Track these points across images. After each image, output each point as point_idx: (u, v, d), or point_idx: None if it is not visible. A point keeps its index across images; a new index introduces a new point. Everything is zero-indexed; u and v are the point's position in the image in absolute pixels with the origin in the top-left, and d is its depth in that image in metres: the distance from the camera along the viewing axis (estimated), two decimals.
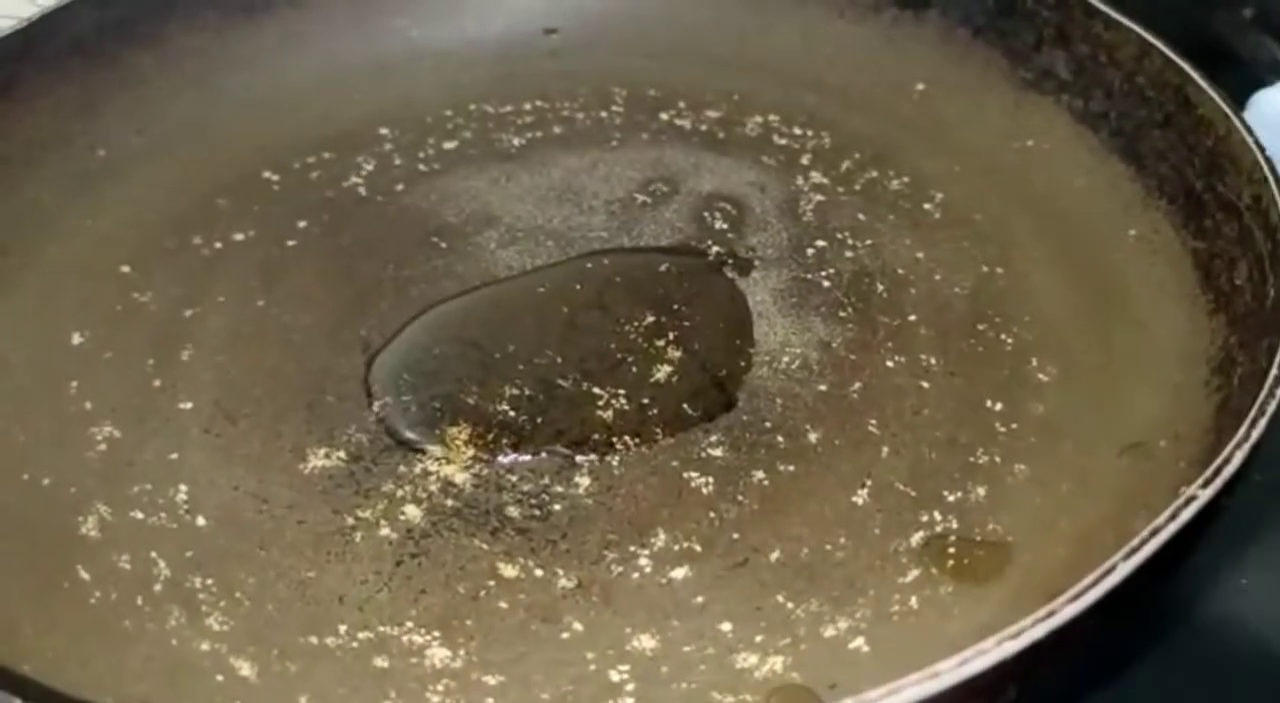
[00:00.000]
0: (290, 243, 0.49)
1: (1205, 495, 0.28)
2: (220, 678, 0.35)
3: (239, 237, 0.49)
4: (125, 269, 0.47)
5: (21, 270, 0.46)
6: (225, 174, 0.52)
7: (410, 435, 0.41)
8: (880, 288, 0.46)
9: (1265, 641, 0.40)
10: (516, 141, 0.54)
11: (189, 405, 0.43)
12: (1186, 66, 0.43)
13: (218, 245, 0.49)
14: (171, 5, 0.53)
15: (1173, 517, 0.28)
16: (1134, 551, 0.27)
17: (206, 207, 0.50)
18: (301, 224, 0.50)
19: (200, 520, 0.39)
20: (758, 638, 0.35)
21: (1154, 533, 0.27)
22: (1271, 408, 0.30)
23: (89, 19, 0.51)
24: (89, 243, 0.48)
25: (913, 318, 0.45)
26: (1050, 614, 0.25)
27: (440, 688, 0.34)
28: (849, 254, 0.48)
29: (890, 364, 0.43)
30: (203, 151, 0.52)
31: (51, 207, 0.48)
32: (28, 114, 0.49)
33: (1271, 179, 0.38)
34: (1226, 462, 0.29)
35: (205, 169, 0.52)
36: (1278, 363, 0.32)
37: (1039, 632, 0.25)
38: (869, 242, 0.48)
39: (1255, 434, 0.30)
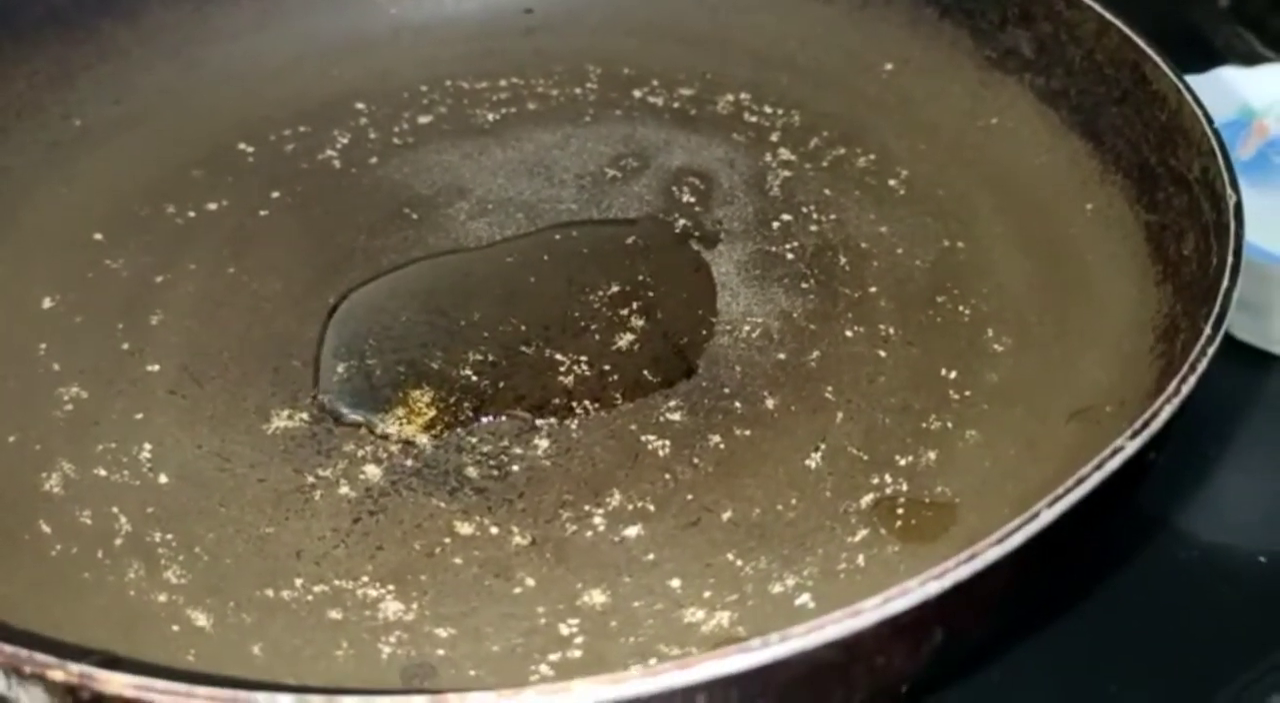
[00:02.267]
0: (263, 213, 0.50)
1: (1131, 447, 0.29)
2: (176, 628, 0.35)
3: (212, 206, 0.50)
4: (98, 236, 0.48)
5: None
6: (201, 145, 0.52)
7: (374, 398, 0.42)
8: (843, 261, 0.47)
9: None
10: (491, 117, 0.54)
11: (156, 368, 0.43)
12: (1141, 42, 0.43)
13: (191, 214, 0.49)
14: None
15: (1098, 467, 0.28)
16: (1058, 498, 0.27)
17: (181, 177, 0.51)
18: (275, 195, 0.50)
19: (162, 478, 0.40)
20: (706, 594, 0.36)
21: (1079, 482, 0.28)
22: (1202, 366, 0.31)
23: None
24: (62, 210, 0.49)
25: (873, 290, 0.45)
26: (972, 556, 0.26)
27: (392, 640, 0.35)
28: (813, 228, 0.48)
29: (849, 334, 0.44)
30: (179, 123, 0.53)
31: (26, 175, 0.49)
32: (3, 83, 0.50)
33: (1218, 150, 0.38)
34: (1154, 416, 0.29)
35: (181, 140, 0.52)
36: (1210, 324, 0.32)
37: (962, 573, 0.26)
38: (834, 216, 0.49)
39: (1185, 390, 0.30)
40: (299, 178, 0.51)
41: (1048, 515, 0.27)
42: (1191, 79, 0.52)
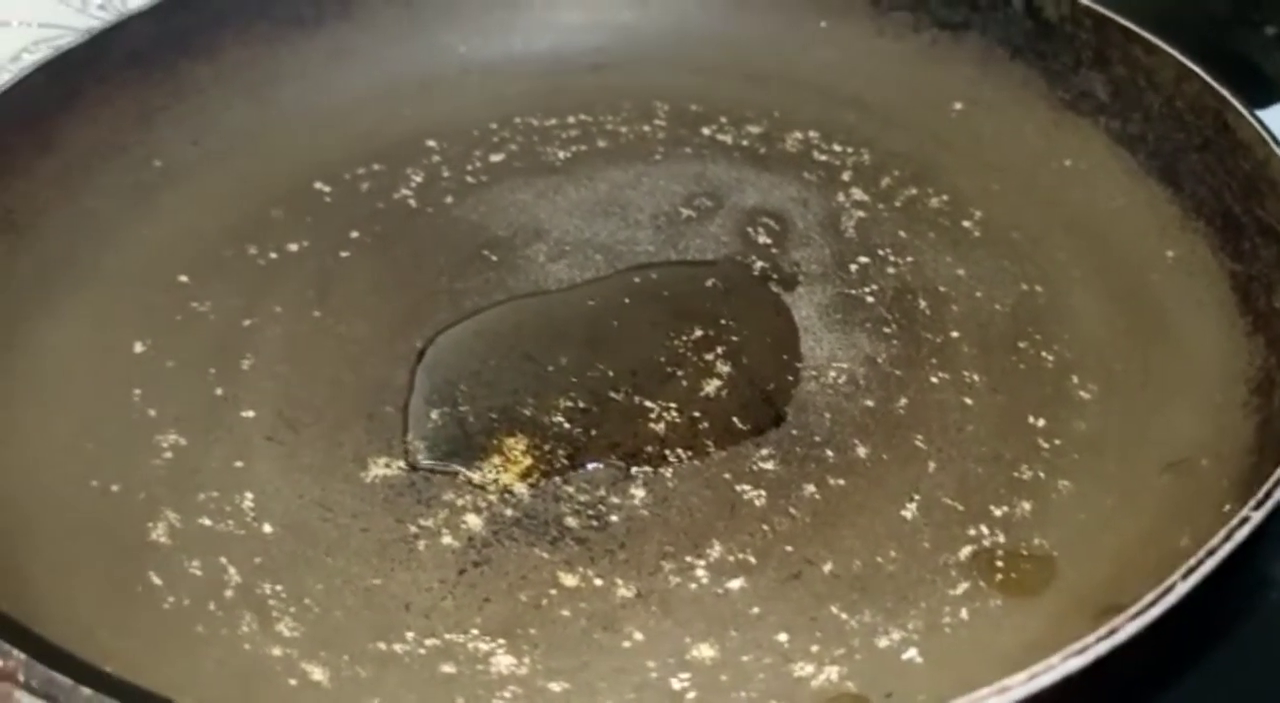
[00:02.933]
0: (343, 253, 0.50)
1: (1258, 517, 0.29)
2: (294, 682, 0.36)
3: (293, 247, 0.50)
4: (183, 278, 0.49)
5: (82, 280, 0.48)
6: (279, 185, 0.53)
7: (469, 446, 0.43)
8: (923, 304, 0.47)
9: None
10: (561, 155, 0.55)
11: (251, 414, 0.44)
12: (1225, 92, 0.44)
13: (273, 255, 0.50)
14: (224, 17, 0.54)
15: (1227, 537, 0.29)
16: (1191, 570, 0.28)
17: (261, 217, 0.52)
18: (354, 235, 0.51)
19: (267, 527, 0.40)
20: (813, 648, 0.36)
21: (1210, 553, 0.28)
22: None
23: (147, 32, 0.52)
24: (147, 252, 0.49)
25: (955, 335, 0.46)
26: (1112, 632, 0.27)
27: (507, 694, 0.36)
28: (891, 270, 0.49)
29: (935, 380, 0.44)
30: (256, 162, 0.53)
31: (110, 216, 0.50)
32: (88, 125, 0.50)
33: None
34: (1278, 484, 0.30)
35: (259, 179, 0.53)
36: None
37: (1102, 648, 0.27)
38: (910, 258, 0.49)
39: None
40: (376, 218, 0.52)
41: (1182, 587, 0.28)
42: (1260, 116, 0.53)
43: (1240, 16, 0.83)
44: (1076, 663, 0.26)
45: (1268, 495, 0.30)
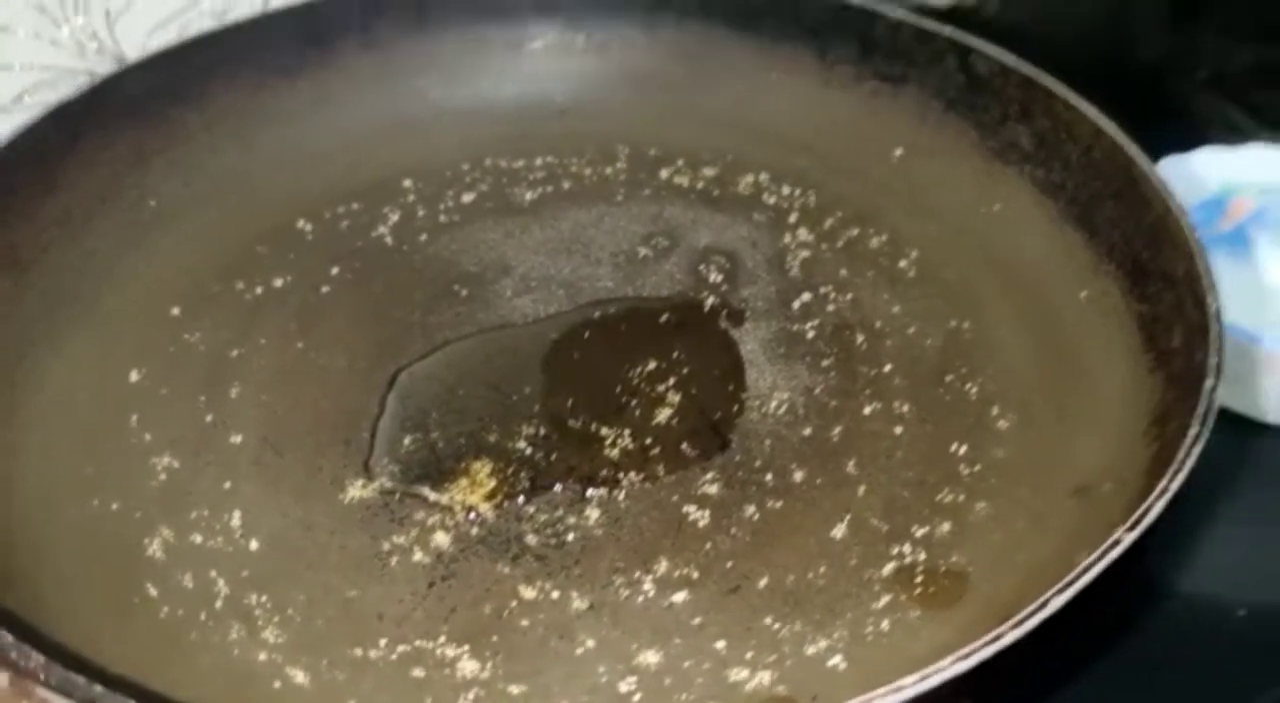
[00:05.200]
0: (324, 288, 0.54)
1: (1129, 539, 0.33)
2: (278, 685, 0.40)
3: (278, 282, 0.54)
4: (175, 312, 0.52)
5: (83, 315, 0.51)
6: (264, 223, 0.57)
7: (438, 469, 0.46)
8: (859, 339, 0.51)
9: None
10: (528, 195, 0.59)
11: (239, 439, 0.48)
12: (1133, 148, 0.48)
13: (258, 290, 0.54)
14: (213, 67, 0.58)
15: (1101, 556, 0.33)
16: (1067, 585, 0.32)
17: (247, 254, 0.55)
18: (334, 271, 0.55)
19: (253, 544, 0.44)
20: (748, 655, 0.40)
21: (1085, 571, 0.32)
22: (1190, 463, 0.36)
23: (141, 82, 0.56)
24: (143, 288, 0.53)
25: (888, 368, 0.50)
26: (996, 638, 0.31)
27: (470, 696, 0.39)
28: (831, 307, 0.53)
29: (867, 410, 0.48)
30: (243, 202, 0.57)
31: (108, 255, 0.53)
32: (88, 168, 0.54)
33: (1199, 257, 0.43)
34: (1148, 511, 0.34)
35: (245, 218, 0.57)
36: (1197, 421, 0.37)
37: (986, 653, 0.30)
38: (849, 296, 0.53)
39: (1173, 487, 0.35)
40: (355, 255, 0.56)
41: (1058, 601, 0.32)
42: (1176, 159, 0.58)
43: (1173, 62, 0.87)
44: (962, 666, 0.30)
45: (1139, 520, 0.34)
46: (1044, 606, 0.31)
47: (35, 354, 0.49)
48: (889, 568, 0.43)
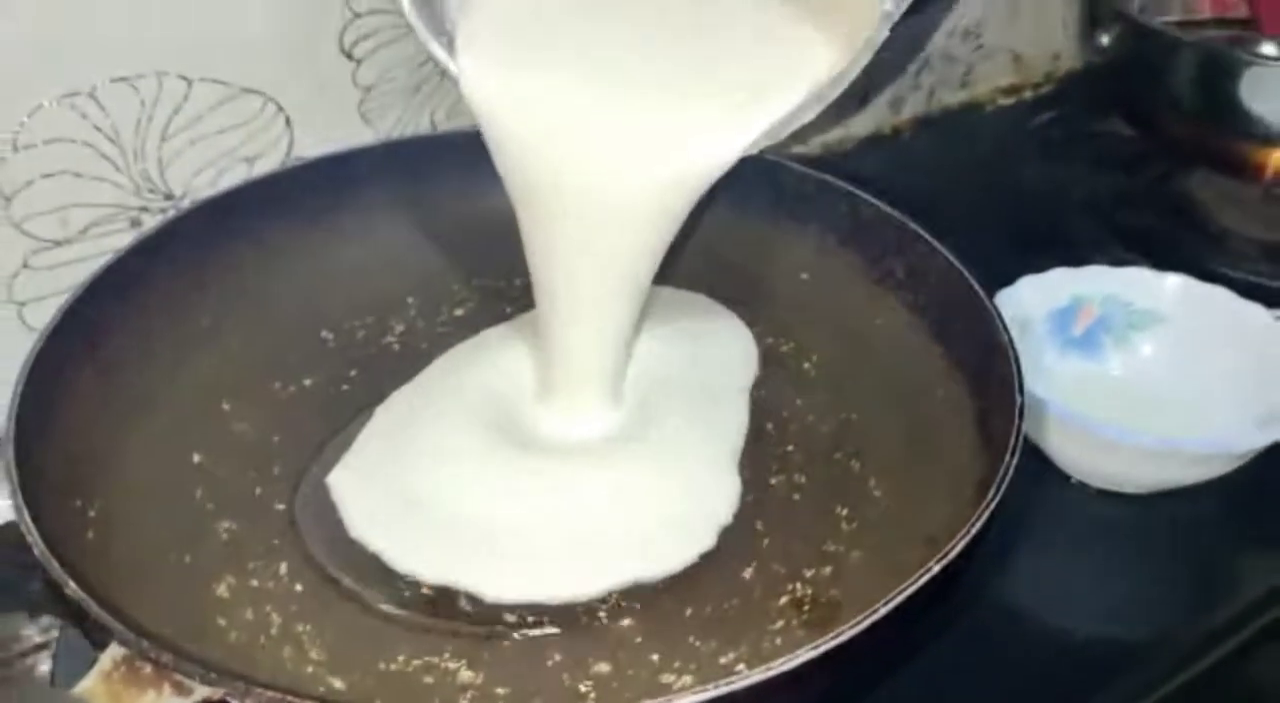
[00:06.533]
0: (344, 386, 0.68)
1: (936, 569, 0.47)
2: (322, 689, 0.53)
3: (307, 382, 0.68)
4: (226, 406, 0.65)
5: (154, 409, 0.64)
6: (294, 334, 0.69)
7: None
8: (769, 426, 0.65)
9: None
10: (509, 309, 0.73)
11: (281, 507, 0.61)
12: (974, 283, 0.62)
13: (292, 389, 0.67)
14: (265, 209, 0.71)
15: (912, 583, 0.46)
16: (874, 610, 0.46)
17: (281, 358, 0.68)
18: (352, 372, 0.68)
19: (298, 587, 0.57)
20: (676, 663, 0.53)
21: (900, 592, 0.46)
22: (977, 527, 0.49)
23: (199, 221, 0.69)
24: (200, 388, 0.66)
25: (790, 448, 0.64)
26: (816, 646, 0.44)
27: (468, 697, 0.53)
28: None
29: (774, 481, 0.62)
30: (277, 317, 0.69)
31: (172, 360, 0.66)
32: (159, 293, 0.66)
33: (1015, 366, 0.57)
34: (946, 553, 0.48)
35: (279, 330, 0.69)
36: (995, 485, 0.51)
37: (813, 653, 0.44)
38: (763, 392, 0.67)
39: (952, 554, 0.48)
40: (369, 359, 0.69)
41: (866, 622, 0.45)
42: (1033, 278, 0.72)
43: (1051, 188, 1.02)
44: (795, 662, 0.44)
45: (945, 555, 0.48)
46: (857, 624, 0.45)
47: (120, 443, 0.62)
48: (784, 600, 0.56)
